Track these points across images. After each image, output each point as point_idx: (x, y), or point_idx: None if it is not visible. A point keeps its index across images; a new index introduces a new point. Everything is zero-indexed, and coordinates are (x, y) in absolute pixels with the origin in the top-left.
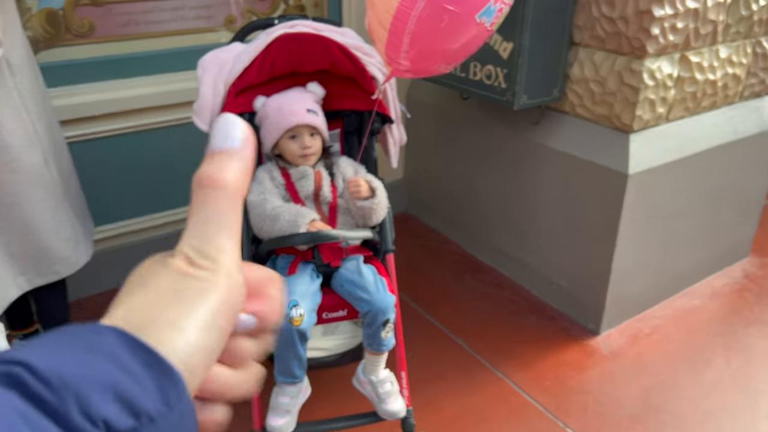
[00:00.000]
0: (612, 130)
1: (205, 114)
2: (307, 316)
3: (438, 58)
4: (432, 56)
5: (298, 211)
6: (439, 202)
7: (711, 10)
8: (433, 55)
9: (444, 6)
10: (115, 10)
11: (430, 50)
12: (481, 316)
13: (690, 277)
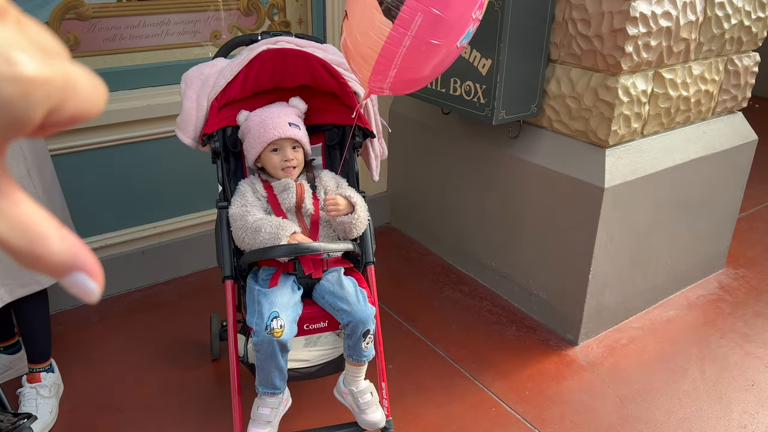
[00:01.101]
0: (588, 144)
1: (189, 128)
2: (287, 327)
3: (419, 83)
4: (414, 82)
5: (279, 224)
6: (421, 215)
7: (683, 28)
8: (416, 82)
9: (429, 41)
10: (100, 24)
11: (413, 78)
12: (462, 326)
13: (666, 288)
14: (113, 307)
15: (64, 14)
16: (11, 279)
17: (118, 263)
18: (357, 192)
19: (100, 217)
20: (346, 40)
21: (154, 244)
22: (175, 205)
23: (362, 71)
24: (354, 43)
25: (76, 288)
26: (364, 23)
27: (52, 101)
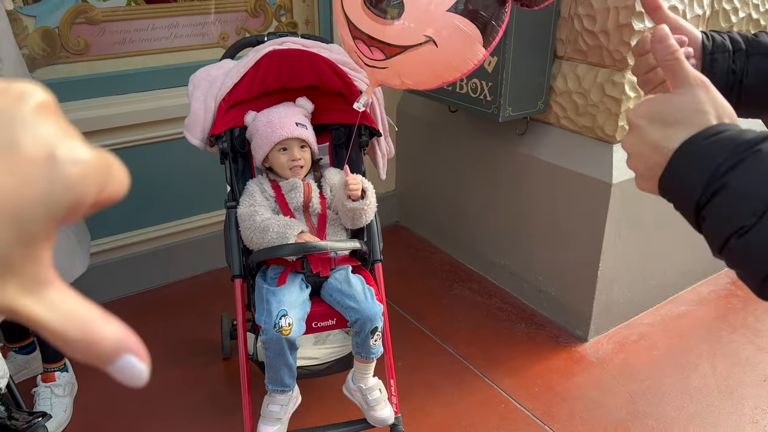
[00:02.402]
0: (595, 140)
1: (197, 129)
2: (296, 325)
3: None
4: (431, 83)
5: (287, 223)
6: (429, 213)
7: (690, 22)
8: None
9: None
10: (109, 28)
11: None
12: (471, 323)
13: (676, 284)
14: (126, 307)
15: (75, 18)
16: None
17: (130, 264)
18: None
19: (112, 219)
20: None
21: (165, 244)
22: (185, 206)
23: None
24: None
25: (125, 372)
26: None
27: (100, 182)
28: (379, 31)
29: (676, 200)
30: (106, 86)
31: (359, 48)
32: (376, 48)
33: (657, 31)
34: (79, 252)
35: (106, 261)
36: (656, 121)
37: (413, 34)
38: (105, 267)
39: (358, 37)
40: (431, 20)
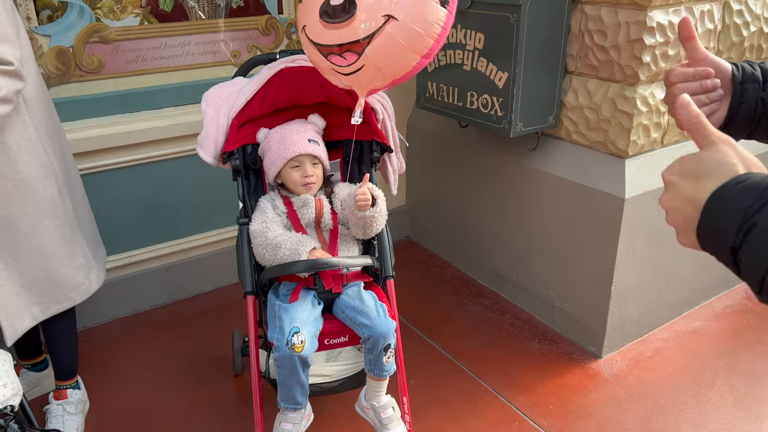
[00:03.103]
0: (608, 155)
1: (209, 146)
2: (308, 342)
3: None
4: (410, 62)
5: (299, 240)
6: (440, 228)
7: (702, 37)
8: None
9: None
10: (123, 47)
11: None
12: (483, 340)
13: (691, 299)
14: (138, 323)
15: (89, 38)
16: (45, 297)
17: (142, 280)
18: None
19: (125, 235)
20: None
21: (177, 260)
22: (197, 222)
23: None
24: None
25: None
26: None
27: None
28: (344, 35)
29: (714, 249)
30: (119, 104)
31: (334, 62)
32: (347, 52)
33: (679, 100)
34: (95, 268)
35: (120, 277)
36: (688, 176)
37: (373, 19)
38: (118, 283)
39: (329, 52)
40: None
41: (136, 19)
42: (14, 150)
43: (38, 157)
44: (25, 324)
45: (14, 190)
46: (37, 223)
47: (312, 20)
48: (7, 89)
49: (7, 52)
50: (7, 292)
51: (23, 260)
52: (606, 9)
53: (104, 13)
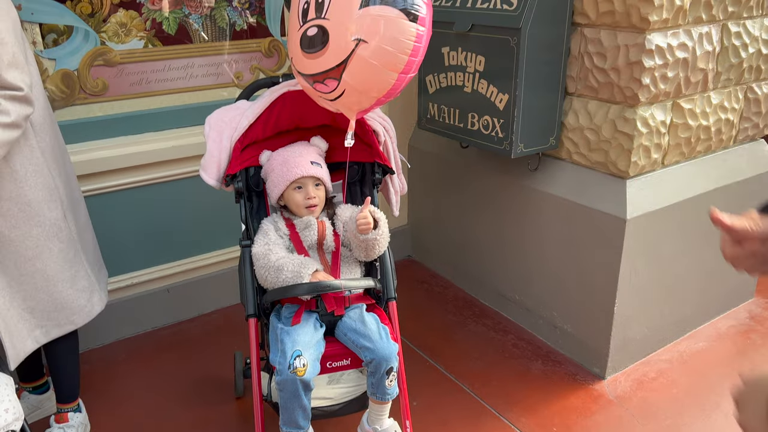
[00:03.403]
0: (609, 176)
1: (212, 169)
2: (310, 366)
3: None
4: (389, 81)
5: (301, 262)
6: (442, 248)
7: (700, 59)
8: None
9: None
10: (127, 69)
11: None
12: (486, 360)
13: (694, 319)
14: (139, 345)
15: (93, 61)
16: (47, 320)
17: (144, 301)
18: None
19: (126, 256)
20: None
21: (178, 281)
22: (199, 243)
23: None
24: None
25: None
26: None
27: None
28: (322, 64)
29: None
30: (123, 126)
31: (319, 90)
32: (328, 78)
33: (714, 220)
34: (98, 290)
35: (121, 298)
36: None
37: (343, 45)
38: (120, 304)
39: (314, 81)
40: (349, 24)
41: (140, 42)
42: (21, 174)
43: (44, 180)
44: (28, 347)
45: (20, 214)
46: (41, 246)
47: (295, 52)
48: (17, 114)
49: (17, 78)
50: (11, 315)
51: (27, 283)
52: (605, 32)
53: (109, 37)
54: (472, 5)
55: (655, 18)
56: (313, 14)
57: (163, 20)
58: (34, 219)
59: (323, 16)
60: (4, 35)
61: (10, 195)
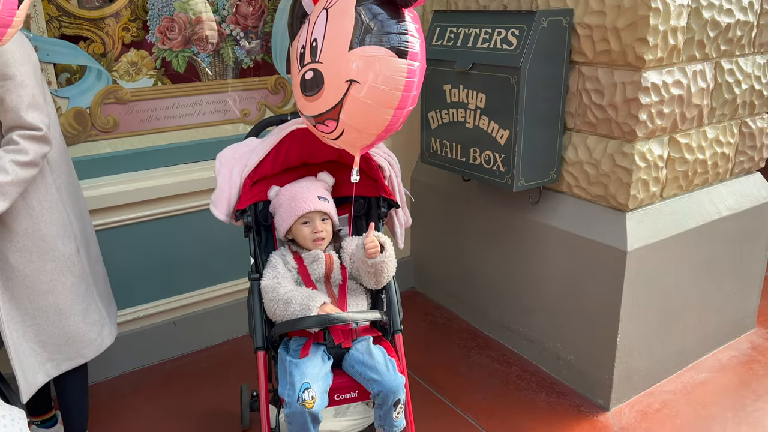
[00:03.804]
0: (609, 208)
1: (222, 204)
2: (319, 398)
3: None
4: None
5: (309, 295)
6: (446, 279)
7: (695, 95)
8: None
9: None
10: (137, 107)
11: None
12: (491, 393)
13: (696, 350)
14: (146, 378)
15: (105, 99)
16: (58, 354)
17: (150, 334)
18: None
19: (134, 289)
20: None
21: (185, 314)
22: (204, 276)
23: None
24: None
25: None
26: None
27: None
28: (320, 106)
29: None
30: (133, 162)
31: (321, 130)
32: (327, 119)
33: None
34: (108, 324)
35: (128, 331)
36: None
37: (337, 87)
38: (126, 338)
39: (315, 122)
40: (341, 66)
41: (150, 80)
42: (37, 210)
43: (59, 216)
44: (39, 380)
45: (35, 249)
46: (55, 280)
47: (297, 94)
48: (35, 153)
49: (36, 119)
50: (24, 348)
51: (40, 317)
52: (602, 70)
53: (120, 75)
54: (473, 45)
55: (650, 57)
56: (309, 58)
57: (173, 59)
58: (48, 254)
59: (317, 59)
60: (25, 78)
61: (26, 230)
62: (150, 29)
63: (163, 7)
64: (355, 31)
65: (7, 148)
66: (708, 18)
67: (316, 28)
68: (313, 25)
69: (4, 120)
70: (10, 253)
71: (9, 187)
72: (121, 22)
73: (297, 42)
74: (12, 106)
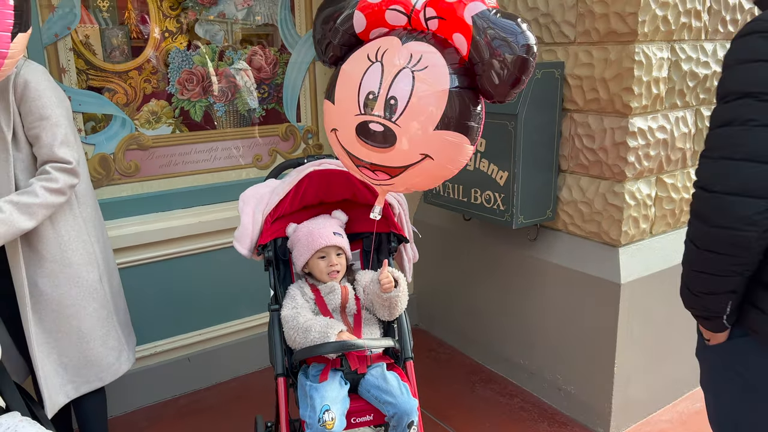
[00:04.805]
0: (602, 244)
1: (246, 240)
2: (338, 420)
3: (438, 183)
4: (435, 184)
5: (327, 323)
6: (448, 316)
7: (678, 139)
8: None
9: None
10: (157, 153)
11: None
12: (495, 424)
13: (692, 380)
14: (161, 413)
15: (128, 145)
16: (77, 376)
17: (166, 370)
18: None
19: (150, 325)
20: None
21: (199, 350)
22: (218, 313)
23: None
24: None
25: None
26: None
27: None
28: (378, 159)
29: None
30: (153, 204)
31: (364, 173)
32: (380, 171)
33: None
34: (126, 350)
35: (144, 367)
36: None
37: (410, 155)
38: (142, 373)
39: (360, 164)
40: (423, 141)
41: (168, 128)
42: (65, 238)
43: (84, 245)
44: (60, 400)
45: (61, 274)
46: (78, 305)
47: (346, 130)
48: (64, 182)
49: (67, 154)
50: (48, 370)
51: (63, 339)
52: (592, 116)
53: (141, 124)
54: None
55: (635, 104)
56: (381, 111)
57: (190, 108)
58: (73, 279)
59: (393, 120)
60: (59, 119)
61: (54, 257)
62: (170, 81)
63: (183, 60)
64: (444, 114)
65: (40, 177)
66: (687, 70)
67: (395, 84)
68: (391, 80)
69: (39, 155)
70: (39, 277)
71: (37, 208)
72: (143, 74)
73: (352, 78)
74: (47, 143)
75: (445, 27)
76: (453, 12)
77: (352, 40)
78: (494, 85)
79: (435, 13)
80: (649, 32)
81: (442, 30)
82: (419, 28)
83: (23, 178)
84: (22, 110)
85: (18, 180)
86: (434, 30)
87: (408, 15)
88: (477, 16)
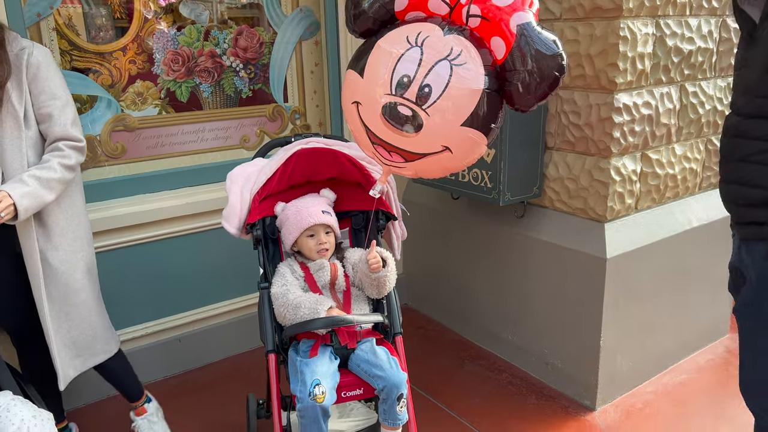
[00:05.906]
0: (588, 220)
1: (234, 219)
2: (328, 393)
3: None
4: (442, 174)
5: (317, 300)
6: (437, 294)
7: (663, 115)
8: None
9: None
10: (144, 134)
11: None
12: (484, 398)
13: (675, 353)
14: (152, 393)
15: (114, 126)
16: (85, 349)
17: (156, 351)
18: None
19: (140, 307)
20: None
21: (189, 331)
22: (208, 294)
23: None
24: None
25: None
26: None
27: None
28: (398, 141)
29: None
30: (140, 185)
31: (378, 151)
32: (396, 153)
33: None
34: (112, 330)
35: (135, 348)
36: None
37: (432, 145)
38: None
39: (377, 143)
40: (448, 134)
41: (155, 109)
42: (70, 213)
43: (85, 220)
44: (70, 374)
45: (69, 248)
46: (84, 279)
47: (372, 107)
48: (75, 160)
49: (79, 132)
50: (59, 343)
51: (73, 313)
52: (578, 93)
53: (127, 105)
54: None
55: (620, 80)
56: (413, 98)
57: (176, 89)
58: (79, 253)
59: (424, 108)
60: (69, 99)
61: (63, 231)
62: (155, 62)
63: (168, 41)
64: (474, 112)
65: (54, 153)
66: (671, 45)
67: (433, 73)
68: (429, 68)
69: (50, 132)
70: (49, 251)
71: (55, 183)
72: (128, 55)
73: (390, 56)
74: (61, 122)
75: (487, 28)
76: (499, 16)
77: (387, 16)
78: (523, 95)
79: (479, 12)
80: (634, 8)
81: (482, 30)
82: (458, 22)
83: (32, 154)
84: (34, 89)
85: (27, 156)
86: (473, 27)
87: (451, 7)
88: (522, 26)
